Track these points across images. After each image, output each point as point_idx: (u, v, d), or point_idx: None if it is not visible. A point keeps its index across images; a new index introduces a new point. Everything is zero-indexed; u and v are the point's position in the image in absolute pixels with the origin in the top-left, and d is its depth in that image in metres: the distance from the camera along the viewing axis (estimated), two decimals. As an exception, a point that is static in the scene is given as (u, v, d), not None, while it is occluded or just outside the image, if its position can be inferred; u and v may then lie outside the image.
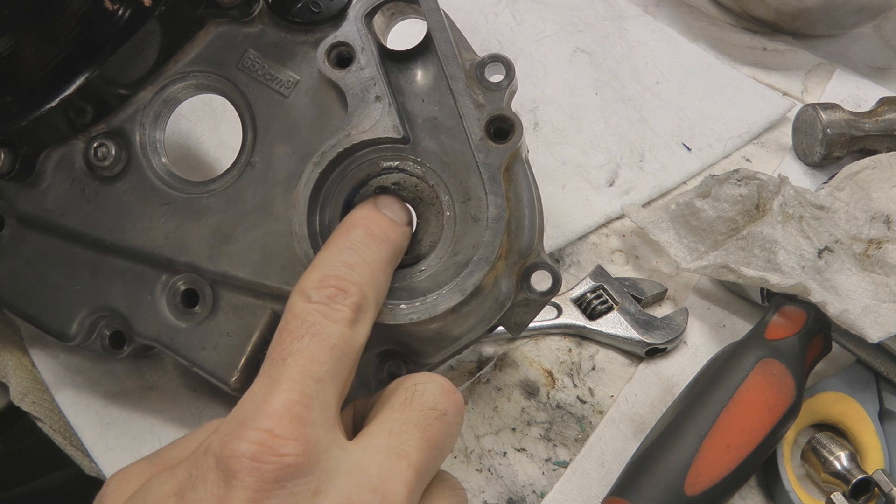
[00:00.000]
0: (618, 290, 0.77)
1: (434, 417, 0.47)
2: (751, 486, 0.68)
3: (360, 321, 0.49)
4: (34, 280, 0.63)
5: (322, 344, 0.46)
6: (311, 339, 0.46)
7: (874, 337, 0.66)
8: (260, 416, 0.42)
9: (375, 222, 0.55)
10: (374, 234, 0.54)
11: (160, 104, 0.63)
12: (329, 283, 0.49)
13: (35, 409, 0.69)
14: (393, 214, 0.57)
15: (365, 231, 0.54)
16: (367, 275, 0.51)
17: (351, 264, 0.51)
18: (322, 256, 0.52)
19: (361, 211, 0.56)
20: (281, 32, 0.61)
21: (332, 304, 0.48)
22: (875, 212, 0.77)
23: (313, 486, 0.42)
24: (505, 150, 0.57)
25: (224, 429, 0.43)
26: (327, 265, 0.51)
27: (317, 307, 0.47)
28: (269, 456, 0.41)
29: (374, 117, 0.58)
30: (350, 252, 0.52)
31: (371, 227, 0.54)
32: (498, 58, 0.59)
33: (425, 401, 0.48)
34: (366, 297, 0.50)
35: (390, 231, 0.56)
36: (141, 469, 0.47)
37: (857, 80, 1.06)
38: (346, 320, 0.48)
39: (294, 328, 0.47)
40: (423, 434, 0.46)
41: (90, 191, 0.62)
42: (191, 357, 0.61)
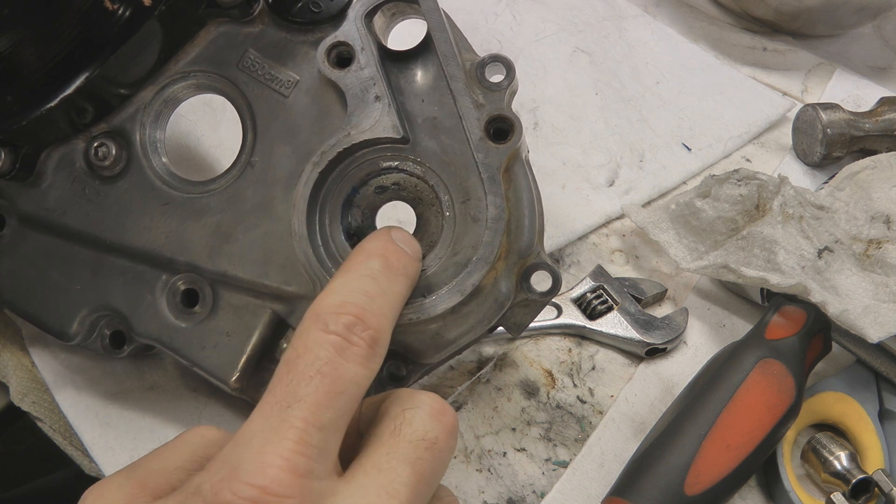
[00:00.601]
0: (618, 290, 0.77)
1: (424, 448, 0.46)
2: (751, 486, 0.68)
3: (374, 357, 0.47)
4: (35, 279, 0.63)
5: (331, 388, 0.43)
6: (321, 380, 0.43)
7: (874, 337, 0.66)
8: (254, 470, 0.40)
9: (394, 255, 0.53)
10: (394, 267, 0.52)
11: (161, 104, 0.63)
12: (348, 310, 0.46)
13: (35, 409, 0.69)
14: (408, 248, 0.55)
15: (384, 263, 0.52)
16: (385, 307, 0.49)
17: (371, 294, 0.49)
18: (340, 281, 0.50)
19: (378, 241, 0.54)
20: (281, 32, 0.61)
21: (349, 335, 0.45)
22: (875, 212, 0.77)
23: None
24: (504, 150, 0.57)
25: (216, 471, 0.41)
26: (346, 291, 0.48)
27: (333, 340, 0.45)
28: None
29: (374, 117, 0.58)
30: (370, 281, 0.50)
31: (390, 260, 0.52)
32: (498, 58, 0.59)
33: (415, 430, 0.46)
34: (382, 331, 0.48)
35: (408, 265, 0.54)
36: (119, 484, 0.44)
37: (857, 80, 1.06)
38: (360, 358, 0.45)
39: (305, 365, 0.44)
40: (413, 469, 0.45)
41: (91, 190, 0.62)
42: (191, 357, 0.61)
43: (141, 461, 0.46)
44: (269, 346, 0.61)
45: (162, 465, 0.46)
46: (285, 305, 0.60)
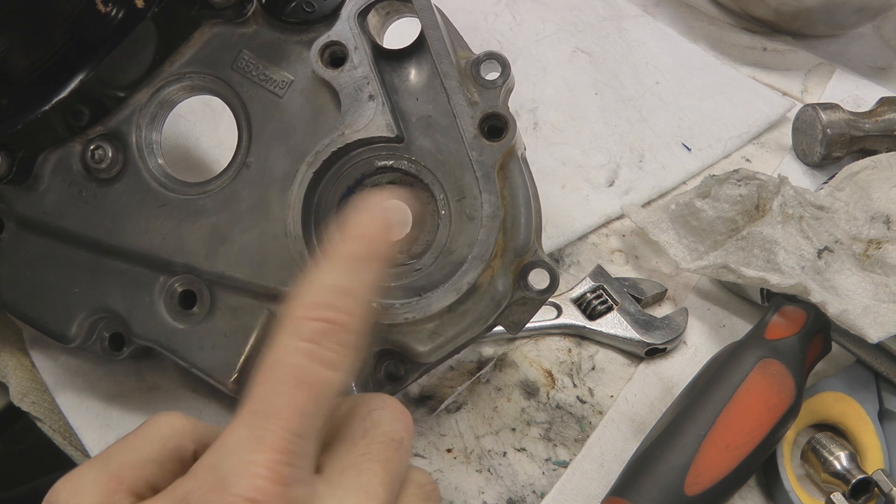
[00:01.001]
0: (618, 290, 0.77)
1: (394, 449, 0.47)
2: (751, 486, 0.68)
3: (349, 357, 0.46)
4: (34, 282, 0.63)
5: (309, 395, 0.44)
6: (299, 389, 0.43)
7: (874, 337, 0.66)
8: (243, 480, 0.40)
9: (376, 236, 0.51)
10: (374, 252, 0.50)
11: (156, 106, 0.63)
12: (320, 314, 0.46)
13: (35, 409, 0.69)
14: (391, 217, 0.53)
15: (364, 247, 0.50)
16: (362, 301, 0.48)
17: (345, 290, 0.48)
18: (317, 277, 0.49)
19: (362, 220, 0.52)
20: (275, 33, 0.61)
21: (321, 341, 0.45)
22: (875, 212, 0.76)
23: None
24: (499, 148, 0.57)
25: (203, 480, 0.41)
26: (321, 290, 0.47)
27: (304, 346, 0.45)
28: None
29: (368, 116, 0.58)
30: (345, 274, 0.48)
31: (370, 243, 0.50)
32: (493, 55, 0.58)
33: (384, 431, 0.47)
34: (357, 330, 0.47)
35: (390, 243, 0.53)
36: (93, 479, 0.44)
37: (857, 80, 1.06)
38: (335, 363, 0.45)
39: (280, 374, 0.44)
40: (386, 468, 0.46)
41: (88, 193, 0.62)
42: (189, 358, 0.61)
43: (112, 452, 0.46)
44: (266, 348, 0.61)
45: (134, 457, 0.45)
46: (282, 306, 0.60)
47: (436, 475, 0.66)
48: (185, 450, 0.47)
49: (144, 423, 0.48)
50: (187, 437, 0.47)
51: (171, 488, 0.43)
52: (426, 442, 0.68)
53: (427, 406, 0.70)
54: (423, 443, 0.68)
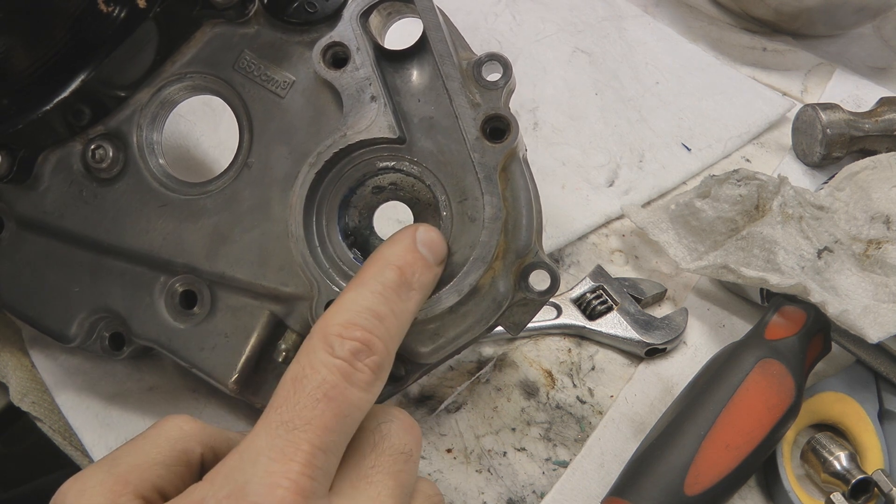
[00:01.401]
0: (617, 290, 0.77)
1: (403, 461, 0.48)
2: (751, 486, 0.68)
3: (377, 382, 0.47)
4: (34, 282, 0.63)
5: (337, 412, 0.44)
6: (328, 404, 0.44)
7: (874, 337, 0.66)
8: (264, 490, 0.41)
9: (411, 267, 0.53)
10: (407, 282, 0.52)
11: (157, 106, 0.63)
12: (355, 334, 0.47)
13: (35, 409, 0.69)
14: (431, 254, 0.55)
15: (399, 277, 0.51)
16: (394, 329, 0.49)
17: (380, 315, 0.49)
18: (350, 296, 0.50)
19: (398, 248, 0.53)
20: (276, 33, 0.61)
21: (354, 361, 0.46)
22: (875, 212, 0.77)
23: None
24: (501, 150, 0.57)
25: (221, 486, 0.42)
26: (355, 311, 0.48)
27: (339, 364, 0.45)
28: None
29: (370, 117, 0.57)
30: (381, 300, 0.49)
31: (406, 274, 0.52)
32: (495, 56, 0.58)
33: (393, 444, 0.48)
34: (388, 355, 0.48)
35: (424, 277, 0.53)
36: (100, 480, 0.44)
37: (857, 80, 1.06)
38: (364, 384, 0.46)
39: (311, 387, 0.44)
40: (396, 481, 0.47)
41: (88, 193, 0.62)
42: (189, 358, 0.61)
43: (119, 454, 0.46)
44: (268, 348, 0.61)
45: (141, 459, 0.46)
46: (283, 306, 0.60)
47: (436, 475, 0.66)
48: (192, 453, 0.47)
49: (153, 426, 0.48)
50: (195, 440, 0.47)
51: (185, 493, 0.43)
52: (426, 442, 0.68)
53: (427, 406, 0.70)
54: (423, 443, 0.68)
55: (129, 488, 0.44)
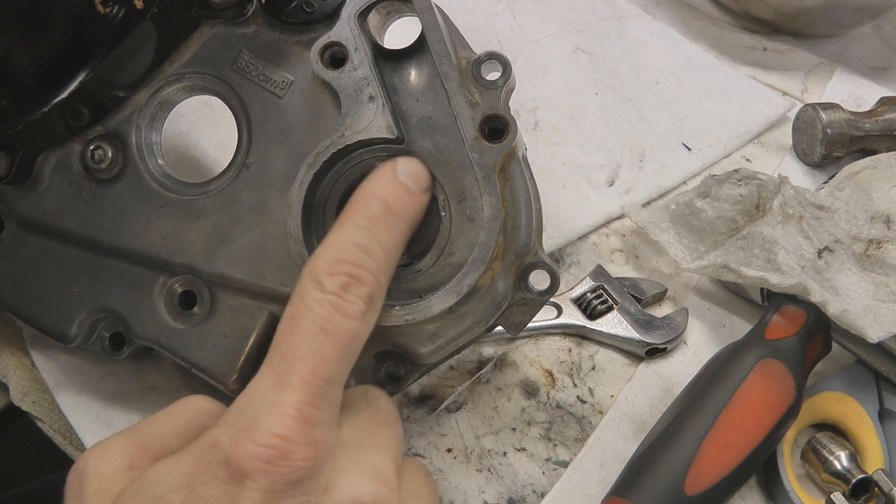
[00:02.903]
0: (618, 290, 0.77)
1: (394, 421, 0.50)
2: (751, 486, 0.68)
3: (372, 311, 0.49)
4: (34, 282, 0.63)
5: (334, 343, 0.46)
6: (325, 337, 0.45)
7: (874, 337, 0.66)
8: (272, 419, 0.42)
9: (394, 196, 0.53)
10: (393, 211, 0.52)
11: (156, 106, 0.63)
12: (343, 269, 0.47)
13: (35, 408, 0.69)
14: (413, 182, 0.54)
15: (382, 207, 0.51)
16: (382, 260, 0.50)
17: (367, 248, 0.49)
18: (336, 234, 0.50)
19: (379, 180, 0.54)
20: (275, 33, 0.61)
21: (345, 294, 0.47)
22: (875, 212, 0.77)
23: (323, 485, 0.44)
24: (499, 150, 0.57)
25: (232, 424, 0.43)
26: (342, 246, 0.49)
27: (330, 298, 0.46)
28: (283, 460, 0.42)
29: (368, 118, 0.57)
30: (366, 233, 0.50)
31: (389, 202, 0.52)
32: (494, 56, 0.58)
33: (383, 405, 0.51)
34: (379, 285, 0.49)
35: (409, 205, 0.54)
36: (121, 445, 0.46)
37: (857, 80, 1.06)
38: (358, 313, 0.47)
39: (306, 322, 0.46)
40: (392, 431, 0.49)
41: (87, 193, 0.62)
42: (189, 358, 0.61)
43: (140, 425, 0.49)
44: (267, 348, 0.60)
45: (161, 430, 0.48)
46: (282, 306, 0.59)
47: (436, 475, 0.66)
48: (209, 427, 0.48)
49: (173, 403, 0.50)
50: (213, 416, 0.49)
51: (199, 438, 0.44)
52: (426, 442, 0.68)
53: (427, 406, 0.70)
54: (423, 443, 0.68)
55: (149, 453, 0.46)
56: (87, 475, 0.46)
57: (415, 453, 0.67)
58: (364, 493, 0.44)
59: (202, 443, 0.44)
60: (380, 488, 0.45)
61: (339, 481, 0.44)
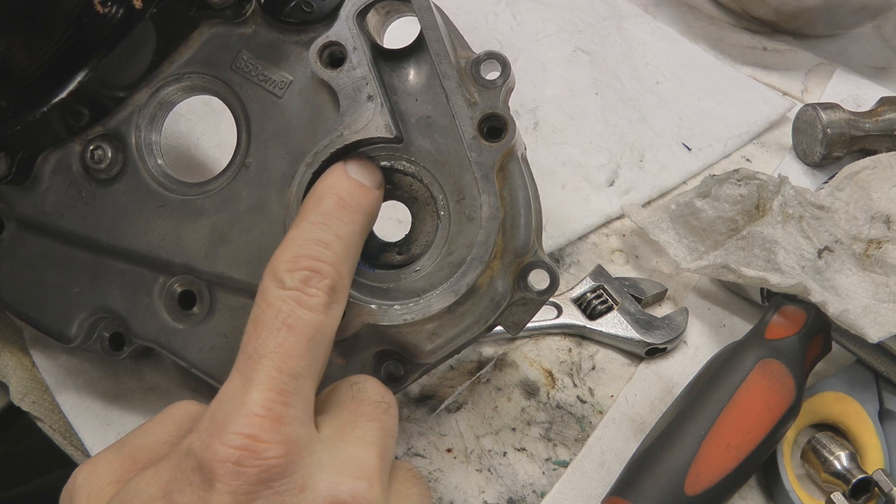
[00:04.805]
0: (618, 289, 0.77)
1: (383, 411, 0.50)
2: (751, 486, 0.68)
3: (335, 302, 0.49)
4: (34, 282, 0.63)
5: (298, 337, 0.46)
6: (288, 332, 0.45)
7: (874, 337, 0.66)
8: (240, 419, 0.42)
9: (347, 191, 0.53)
10: (347, 205, 0.52)
11: (155, 106, 0.63)
12: (302, 264, 0.48)
13: (35, 409, 0.69)
14: (364, 179, 0.55)
15: (336, 202, 0.52)
16: (341, 251, 0.50)
17: (324, 242, 0.50)
18: (293, 233, 0.51)
19: (330, 178, 0.54)
20: (274, 33, 0.61)
21: (306, 288, 0.47)
22: (875, 212, 0.77)
23: (299, 483, 0.43)
24: (498, 149, 0.57)
25: (203, 429, 0.43)
26: (300, 243, 0.49)
27: (291, 294, 0.47)
28: (252, 459, 0.42)
29: (367, 117, 0.57)
30: (322, 227, 0.50)
31: (342, 197, 0.53)
32: (493, 55, 0.58)
33: (370, 396, 0.50)
34: (340, 276, 0.49)
35: (362, 198, 0.54)
36: (109, 461, 0.47)
37: (857, 80, 1.06)
38: (321, 306, 0.47)
39: (269, 319, 0.46)
40: (378, 424, 0.49)
41: (87, 193, 0.62)
42: (188, 358, 0.61)
43: (128, 437, 0.49)
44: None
45: (149, 439, 0.48)
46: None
47: (436, 475, 0.66)
48: None
49: (162, 411, 0.50)
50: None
51: (176, 447, 0.44)
52: (426, 442, 0.68)
53: (427, 406, 0.70)
54: (423, 443, 0.68)
55: (137, 465, 0.46)
56: (77, 492, 0.46)
57: (415, 453, 0.67)
58: (342, 491, 0.44)
59: (179, 450, 0.44)
60: (359, 485, 0.44)
61: (315, 479, 0.44)
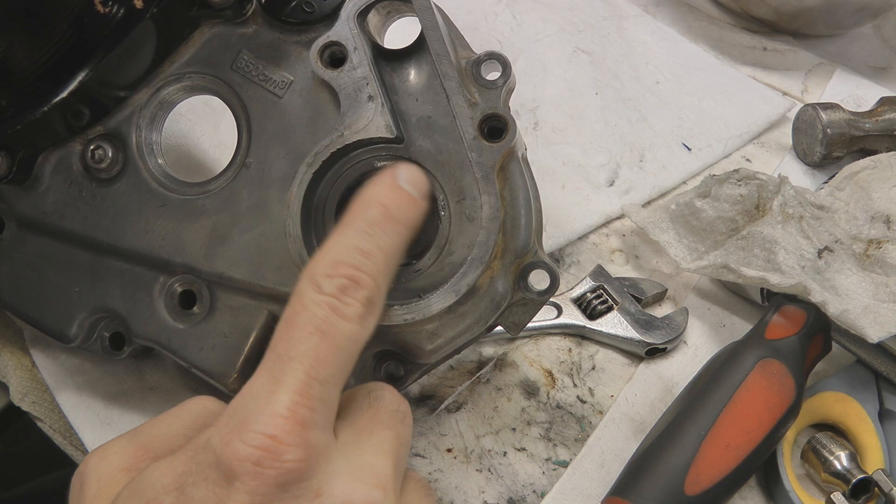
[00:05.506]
0: (618, 289, 0.77)
1: (399, 420, 0.49)
2: (751, 486, 0.68)
3: (370, 315, 0.48)
4: (34, 282, 0.63)
5: (330, 344, 0.45)
6: (321, 338, 0.45)
7: (874, 337, 0.66)
8: (263, 419, 0.42)
9: (394, 202, 0.51)
10: (392, 216, 0.51)
11: (156, 106, 0.63)
12: (342, 271, 0.47)
13: (35, 409, 0.69)
14: (413, 188, 0.53)
15: (383, 212, 0.51)
16: (382, 263, 0.49)
17: (366, 252, 0.48)
18: (336, 238, 0.49)
19: (380, 185, 0.52)
20: (274, 33, 0.61)
21: (343, 297, 0.46)
22: (875, 212, 0.77)
23: (315, 489, 0.43)
24: (499, 149, 0.57)
25: (225, 425, 0.43)
26: (340, 250, 0.48)
27: (327, 300, 0.46)
28: (272, 461, 0.41)
29: (367, 117, 0.57)
30: (366, 237, 0.49)
31: (390, 208, 0.51)
32: (494, 56, 0.58)
33: (387, 404, 0.50)
34: (378, 288, 0.48)
35: (409, 211, 0.52)
36: (121, 447, 0.46)
37: (857, 80, 1.06)
38: (356, 316, 0.46)
39: (303, 322, 0.45)
40: (394, 433, 0.48)
41: (88, 193, 0.62)
42: (189, 358, 0.61)
43: (143, 427, 0.49)
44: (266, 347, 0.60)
45: (164, 430, 0.48)
46: (281, 306, 0.59)
47: (436, 475, 0.66)
48: None
49: (179, 405, 0.50)
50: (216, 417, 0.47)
51: (195, 439, 0.44)
52: (426, 442, 0.68)
53: (427, 406, 0.70)
54: (423, 443, 0.68)
55: (150, 454, 0.46)
56: (88, 477, 0.46)
57: (415, 453, 0.67)
58: (356, 499, 0.44)
59: (196, 444, 0.43)
60: (374, 492, 0.44)
61: (331, 485, 0.43)
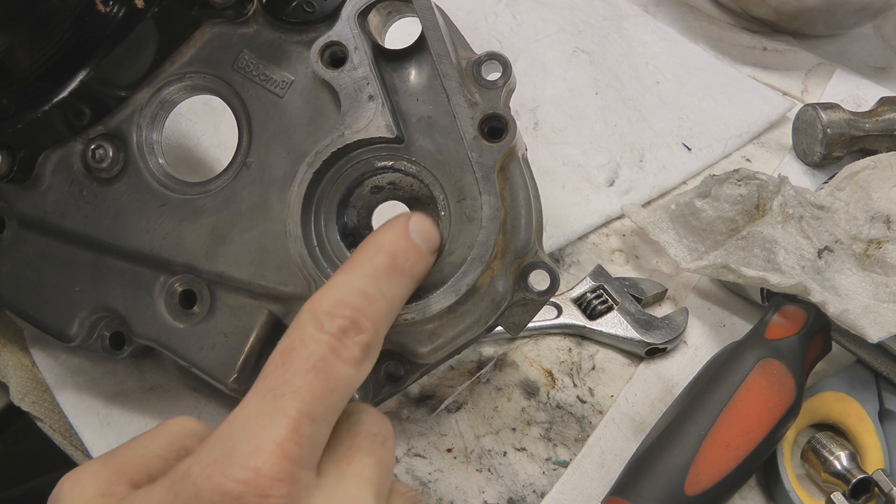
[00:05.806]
0: (618, 289, 0.77)
1: (379, 444, 0.48)
2: (751, 486, 0.68)
3: (367, 360, 0.47)
4: (35, 281, 0.63)
5: (325, 384, 0.44)
6: (315, 376, 0.44)
7: (874, 337, 0.66)
8: (249, 453, 0.41)
9: (403, 253, 0.52)
10: (398, 268, 0.51)
11: (156, 105, 0.63)
12: (344, 312, 0.47)
13: (35, 408, 0.69)
14: (423, 242, 0.54)
15: (390, 262, 0.51)
16: (383, 311, 0.49)
17: (370, 296, 0.48)
18: (342, 277, 0.49)
19: (391, 235, 0.53)
20: (275, 32, 0.61)
21: (343, 338, 0.46)
22: (875, 212, 0.77)
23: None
24: (499, 149, 0.57)
25: (207, 454, 0.41)
26: (345, 290, 0.48)
27: (327, 339, 0.45)
28: (255, 497, 0.40)
29: (368, 117, 0.57)
30: (371, 282, 0.49)
31: (398, 259, 0.51)
32: (494, 56, 0.58)
33: (367, 428, 0.48)
34: (377, 335, 0.48)
35: (416, 265, 0.53)
36: (95, 471, 0.45)
37: (857, 80, 1.06)
38: (353, 360, 0.46)
39: (299, 358, 0.45)
40: (375, 459, 0.47)
41: (88, 192, 0.62)
42: (189, 357, 0.61)
43: (119, 448, 0.47)
44: (266, 347, 0.61)
45: (140, 452, 0.46)
46: (282, 306, 0.60)
47: (436, 475, 0.66)
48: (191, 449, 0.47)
49: (157, 426, 0.49)
50: (195, 437, 0.47)
51: (176, 467, 0.43)
52: (426, 442, 0.68)
53: (427, 406, 0.70)
54: (423, 443, 0.68)
55: (125, 478, 0.45)
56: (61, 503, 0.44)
57: (415, 453, 0.67)
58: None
59: (175, 473, 0.42)
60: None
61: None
